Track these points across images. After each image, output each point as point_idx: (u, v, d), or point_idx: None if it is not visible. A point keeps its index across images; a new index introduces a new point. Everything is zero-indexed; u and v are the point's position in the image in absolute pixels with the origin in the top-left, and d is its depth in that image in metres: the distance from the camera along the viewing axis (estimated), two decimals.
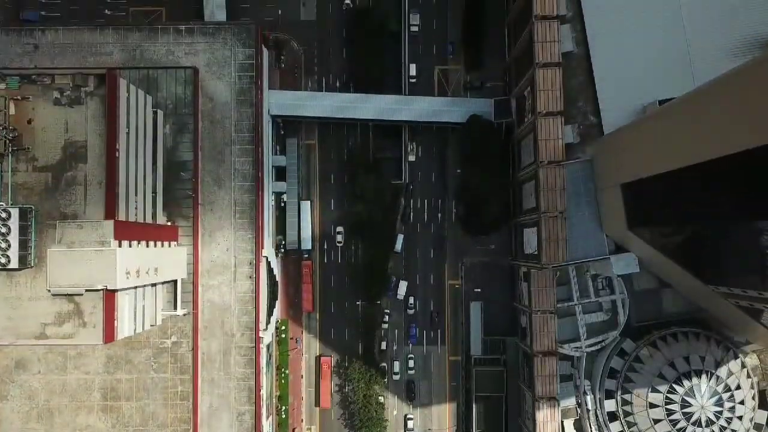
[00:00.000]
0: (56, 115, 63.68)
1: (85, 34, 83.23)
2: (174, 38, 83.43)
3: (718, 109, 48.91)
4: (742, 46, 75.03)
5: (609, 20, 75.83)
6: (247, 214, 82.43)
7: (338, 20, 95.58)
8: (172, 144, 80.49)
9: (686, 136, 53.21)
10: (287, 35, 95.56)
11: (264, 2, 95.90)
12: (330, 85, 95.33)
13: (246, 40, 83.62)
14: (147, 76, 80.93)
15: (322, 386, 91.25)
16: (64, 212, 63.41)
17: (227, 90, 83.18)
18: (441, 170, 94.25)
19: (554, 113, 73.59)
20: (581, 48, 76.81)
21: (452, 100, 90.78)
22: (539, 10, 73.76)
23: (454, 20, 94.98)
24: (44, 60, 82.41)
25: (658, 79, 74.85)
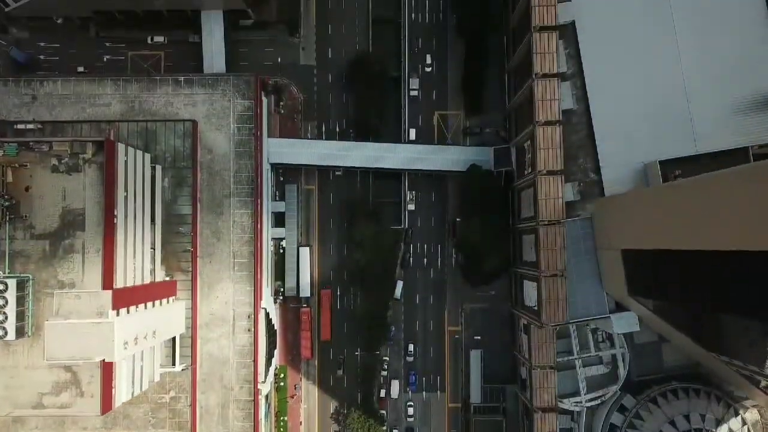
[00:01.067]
0: (54, 183, 63.35)
1: (83, 85, 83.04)
2: (173, 89, 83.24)
3: (724, 204, 48.40)
4: (743, 103, 74.77)
5: (609, 77, 75.54)
6: (246, 266, 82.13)
7: (338, 65, 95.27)
8: (171, 197, 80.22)
9: (692, 220, 52.76)
10: (287, 80, 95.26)
11: (263, 46, 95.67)
12: (330, 130, 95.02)
13: (245, 92, 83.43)
14: (146, 129, 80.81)
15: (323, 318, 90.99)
16: (62, 280, 63.09)
17: (226, 141, 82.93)
18: (441, 215, 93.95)
19: (554, 172, 73.30)
20: (582, 104, 76.52)
21: (451, 149, 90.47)
22: (540, 68, 73.56)
23: (454, 65, 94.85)
24: (42, 111, 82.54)
25: (659, 137, 74.61)
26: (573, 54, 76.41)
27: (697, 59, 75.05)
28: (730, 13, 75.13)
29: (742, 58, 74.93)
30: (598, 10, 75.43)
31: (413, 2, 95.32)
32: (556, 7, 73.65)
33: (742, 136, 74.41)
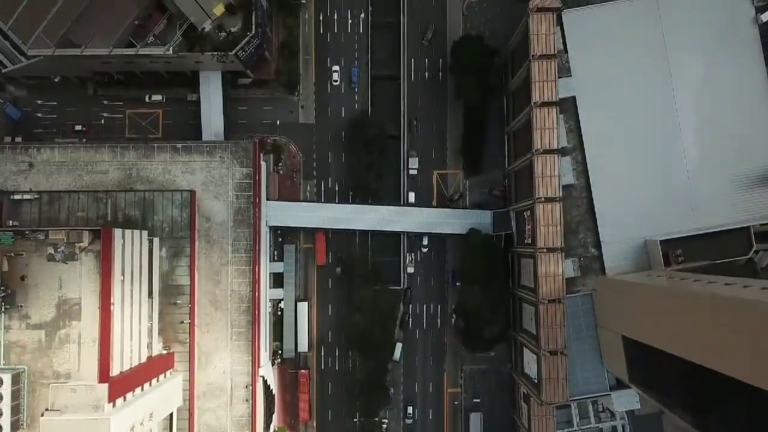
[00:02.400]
0: (50, 272, 62.72)
1: (81, 152, 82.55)
2: (171, 156, 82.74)
3: (722, 329, 47.77)
4: (745, 179, 74.36)
5: (610, 152, 75.13)
6: (244, 335, 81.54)
7: (337, 123, 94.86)
8: (169, 268, 79.60)
9: (691, 334, 52.18)
10: (286, 138, 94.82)
11: (262, 104, 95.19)
12: (329, 189, 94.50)
13: (243, 159, 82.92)
14: (143, 198, 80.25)
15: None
16: (58, 371, 62.41)
17: (224, 210, 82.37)
18: (440, 276, 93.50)
19: (555, 249, 72.89)
20: (582, 178, 76.03)
21: (451, 212, 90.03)
22: (540, 144, 73.25)
23: (453, 122, 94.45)
24: (39, 178, 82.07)
25: (660, 213, 74.18)
26: (573, 128, 75.97)
27: (698, 135, 74.68)
28: (732, 89, 74.78)
29: (743, 134, 74.60)
30: (599, 85, 75.06)
31: (413, 62, 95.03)
32: (556, 82, 73.39)
33: (744, 213, 73.96)
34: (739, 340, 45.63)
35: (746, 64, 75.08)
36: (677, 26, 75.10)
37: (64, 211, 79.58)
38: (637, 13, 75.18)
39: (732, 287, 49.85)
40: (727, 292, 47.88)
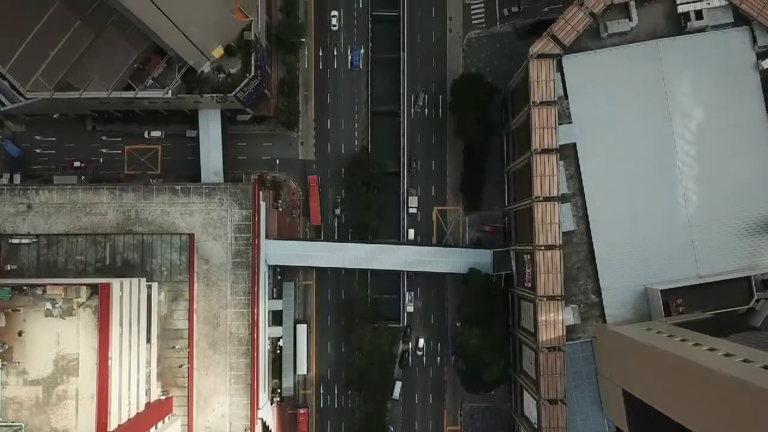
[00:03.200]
0: (47, 327, 62.45)
1: (79, 193, 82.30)
2: (169, 198, 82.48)
3: (721, 405, 47.44)
4: (745, 226, 74.06)
5: (610, 198, 74.71)
6: (243, 378, 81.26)
7: (337, 159, 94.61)
8: (167, 312, 79.35)
9: (692, 403, 51.86)
10: (285, 174, 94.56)
11: (261, 141, 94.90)
12: (328, 225, 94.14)
13: (242, 201, 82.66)
14: (142, 242, 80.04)
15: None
16: (55, 427, 62.18)
17: (223, 252, 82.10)
18: (440, 313, 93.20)
19: (555, 297, 72.63)
20: (583, 224, 75.63)
21: (450, 251, 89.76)
22: (540, 191, 73.04)
23: (452, 157, 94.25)
24: (38, 220, 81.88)
25: (661, 260, 73.84)
26: (574, 174, 75.63)
27: (699, 181, 74.33)
28: (733, 135, 74.42)
29: (744, 180, 74.23)
30: (600, 132, 74.72)
31: (413, 97, 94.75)
32: (556, 129, 73.19)
33: (745, 260, 73.70)
34: (737, 416, 45.40)
35: (747, 110, 74.75)
36: (678, 72, 74.79)
37: (63, 254, 79.44)
38: (637, 58, 74.85)
39: (732, 362, 49.53)
40: (726, 369, 47.56)
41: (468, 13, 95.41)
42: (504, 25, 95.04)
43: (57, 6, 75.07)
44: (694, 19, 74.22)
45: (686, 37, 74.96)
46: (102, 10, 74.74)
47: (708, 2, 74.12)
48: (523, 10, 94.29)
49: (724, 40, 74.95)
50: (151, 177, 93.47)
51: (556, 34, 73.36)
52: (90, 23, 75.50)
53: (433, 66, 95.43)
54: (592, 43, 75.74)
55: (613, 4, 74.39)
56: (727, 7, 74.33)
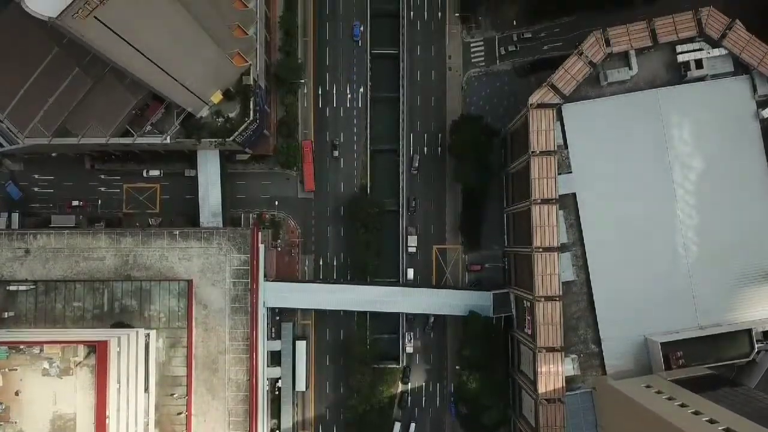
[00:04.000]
0: (45, 387, 62.18)
1: (77, 238, 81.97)
2: (168, 243, 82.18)
3: None
4: (745, 276, 73.82)
5: (610, 248, 74.49)
6: (242, 425, 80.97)
7: (336, 197, 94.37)
8: (165, 358, 79.00)
9: None
10: (284, 213, 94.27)
11: (260, 179, 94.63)
12: (327, 263, 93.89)
13: (241, 246, 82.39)
14: (140, 288, 79.70)
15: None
16: None
17: (221, 297, 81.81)
18: (439, 353, 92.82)
19: (554, 349, 72.34)
20: (582, 273, 75.39)
21: (449, 293, 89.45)
22: (540, 242, 72.77)
23: (452, 196, 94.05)
24: (36, 265, 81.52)
25: (660, 309, 73.59)
26: (574, 223, 75.41)
27: (699, 231, 74.09)
28: (733, 184, 74.23)
29: (744, 230, 74.07)
30: (599, 181, 74.55)
31: (411, 137, 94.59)
32: (556, 179, 72.94)
33: (745, 310, 73.42)
34: None
35: (747, 159, 74.60)
36: (678, 121, 74.61)
37: (61, 301, 79.16)
38: (637, 107, 74.69)
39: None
40: None
41: (468, 51, 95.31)
42: (504, 63, 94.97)
43: (56, 53, 74.90)
44: (694, 68, 74.06)
45: (686, 85, 74.80)
46: (100, 57, 74.44)
47: (708, 52, 73.96)
48: (519, 49, 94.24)
49: (724, 88, 74.79)
50: (149, 216, 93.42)
51: (556, 83, 73.15)
52: (88, 70, 75.31)
53: (433, 104, 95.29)
54: (591, 91, 75.54)
55: (612, 54, 74.12)
56: (727, 56, 74.17)
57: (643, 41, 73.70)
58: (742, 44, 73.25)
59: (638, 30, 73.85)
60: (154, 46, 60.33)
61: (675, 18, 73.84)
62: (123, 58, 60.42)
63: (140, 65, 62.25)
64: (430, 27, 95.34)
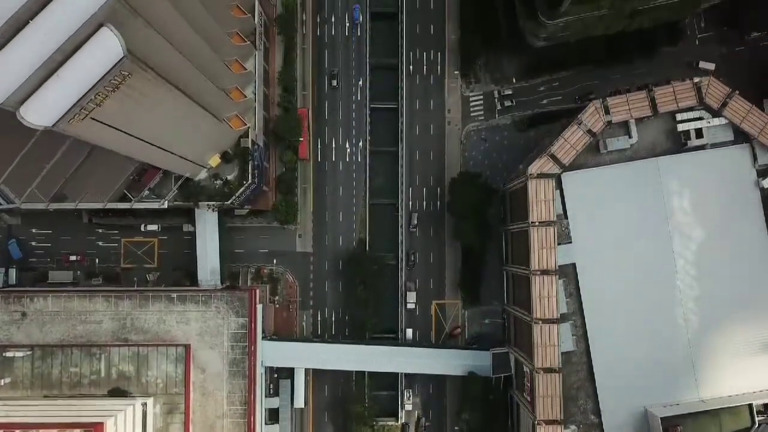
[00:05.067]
0: None
1: (74, 301, 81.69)
2: (166, 306, 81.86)
3: None
4: (746, 347, 73.42)
5: (610, 319, 74.05)
6: None
7: (335, 252, 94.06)
8: (162, 425, 78.67)
9: None
10: (283, 268, 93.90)
11: (259, 234, 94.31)
12: (325, 319, 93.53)
13: (239, 309, 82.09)
14: (137, 354, 79.35)
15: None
16: None
17: (219, 360, 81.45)
18: (439, 411, 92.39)
19: (554, 422, 71.90)
20: (582, 343, 74.93)
21: (448, 352, 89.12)
22: (539, 314, 72.43)
23: (451, 251, 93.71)
24: (32, 328, 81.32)
25: (661, 381, 73.16)
26: (573, 292, 74.99)
27: (699, 301, 73.70)
28: (733, 254, 73.87)
29: (745, 300, 73.70)
30: (599, 251, 74.13)
31: (411, 191, 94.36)
32: (555, 250, 72.60)
33: (746, 381, 73.00)
34: None
35: (748, 228, 74.22)
36: (678, 189, 74.19)
37: (57, 366, 78.90)
38: (637, 176, 74.30)
39: None
40: None
41: (467, 105, 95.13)
42: (503, 117, 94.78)
43: None
44: (694, 137, 73.76)
45: (686, 154, 74.47)
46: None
47: (708, 121, 73.72)
48: (518, 103, 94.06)
49: (725, 157, 74.51)
50: (147, 271, 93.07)
51: (556, 153, 72.88)
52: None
53: (432, 158, 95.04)
54: (591, 159, 75.23)
55: (612, 122, 73.85)
56: (727, 125, 73.94)
57: (643, 111, 73.40)
58: (742, 114, 73.00)
59: (638, 99, 73.61)
60: (153, 132, 60.00)
61: (675, 87, 73.62)
62: (121, 147, 60.09)
63: (138, 149, 61.92)
64: (429, 81, 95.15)
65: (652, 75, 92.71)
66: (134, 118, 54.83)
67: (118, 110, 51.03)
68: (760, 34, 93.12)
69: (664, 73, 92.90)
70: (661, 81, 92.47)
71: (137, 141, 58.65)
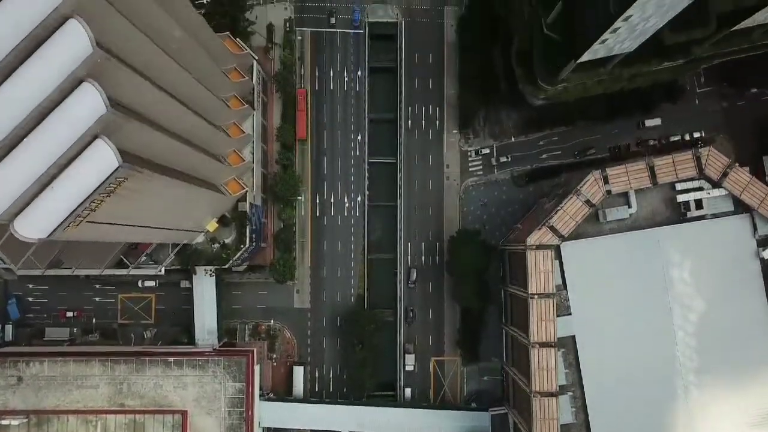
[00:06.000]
0: None
1: (70, 366, 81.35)
2: (163, 371, 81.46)
3: None
4: (747, 419, 72.95)
5: (610, 389, 73.55)
6: None
7: (333, 307, 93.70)
8: None
9: None
10: (280, 324, 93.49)
11: (257, 289, 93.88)
12: (323, 375, 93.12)
13: (236, 374, 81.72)
14: (134, 421, 78.80)
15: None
16: None
17: (217, 427, 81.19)
18: None
19: None
20: (581, 414, 74.39)
21: (447, 413, 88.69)
22: (538, 387, 71.93)
23: (450, 304, 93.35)
24: (28, 393, 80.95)
25: None
26: (573, 362, 74.51)
27: (699, 373, 73.24)
28: (733, 325, 73.35)
29: (745, 372, 73.18)
30: (599, 323, 73.65)
31: (409, 246, 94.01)
32: (555, 322, 72.17)
33: None
34: None
35: (748, 299, 73.75)
36: (678, 260, 73.69)
37: None
38: (637, 246, 73.81)
39: None
40: None
41: (465, 160, 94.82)
42: (502, 172, 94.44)
43: None
44: (694, 208, 73.39)
45: (686, 224, 74.08)
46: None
47: (708, 192, 73.36)
48: (512, 159, 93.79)
49: (725, 227, 74.06)
50: (145, 327, 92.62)
51: (555, 225, 72.45)
52: None
53: (431, 213, 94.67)
54: (591, 228, 74.80)
55: (611, 192, 73.50)
56: (727, 196, 73.55)
57: (643, 182, 73.03)
58: (742, 185, 72.60)
59: (637, 170, 73.19)
60: (150, 219, 59.63)
61: (674, 158, 73.18)
62: (118, 238, 59.76)
63: (135, 235, 61.54)
64: (427, 135, 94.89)
65: (652, 129, 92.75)
66: (131, 212, 54.42)
67: (115, 210, 50.60)
68: (759, 90, 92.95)
69: (664, 127, 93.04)
70: (661, 136, 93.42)
71: (134, 228, 58.22)
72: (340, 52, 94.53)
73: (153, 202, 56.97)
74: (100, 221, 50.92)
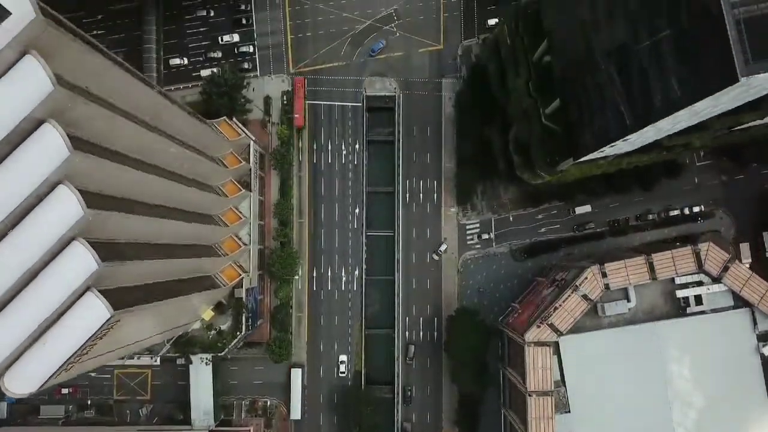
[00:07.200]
0: None
1: None
2: None
3: None
4: None
5: None
6: None
7: (329, 384, 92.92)
8: None
9: None
10: (277, 399, 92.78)
11: (254, 364, 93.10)
12: None
13: None
14: None
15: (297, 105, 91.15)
16: None
17: None
18: None
19: None
20: None
21: None
22: None
23: (448, 380, 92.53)
24: None
25: None
26: None
27: None
28: (734, 422, 72.72)
29: None
30: (598, 421, 72.90)
31: (407, 320, 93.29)
32: (554, 420, 71.43)
33: None
34: None
35: (748, 394, 73.15)
36: (677, 355, 73.19)
37: None
38: (636, 341, 73.23)
39: None
40: None
41: (463, 233, 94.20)
42: (500, 245, 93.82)
43: None
44: (693, 304, 72.84)
45: (686, 319, 73.49)
46: None
47: (708, 288, 72.78)
48: (509, 233, 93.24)
49: (725, 322, 73.52)
50: (140, 403, 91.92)
51: (554, 322, 71.80)
52: None
53: (428, 287, 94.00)
54: (590, 322, 74.18)
55: (610, 287, 72.89)
56: (727, 291, 72.97)
57: (642, 277, 72.43)
58: (742, 281, 72.06)
59: (636, 265, 72.59)
60: (144, 335, 59.10)
61: (674, 253, 72.63)
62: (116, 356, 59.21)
63: (132, 348, 61.01)
64: (425, 209, 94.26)
65: (651, 202, 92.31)
66: (124, 338, 53.87)
67: (106, 345, 50.07)
68: (758, 165, 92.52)
69: (664, 200, 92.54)
70: (660, 210, 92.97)
71: (127, 347, 57.70)
72: (338, 125, 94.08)
73: (147, 322, 56.44)
74: (92, 357, 50.40)
